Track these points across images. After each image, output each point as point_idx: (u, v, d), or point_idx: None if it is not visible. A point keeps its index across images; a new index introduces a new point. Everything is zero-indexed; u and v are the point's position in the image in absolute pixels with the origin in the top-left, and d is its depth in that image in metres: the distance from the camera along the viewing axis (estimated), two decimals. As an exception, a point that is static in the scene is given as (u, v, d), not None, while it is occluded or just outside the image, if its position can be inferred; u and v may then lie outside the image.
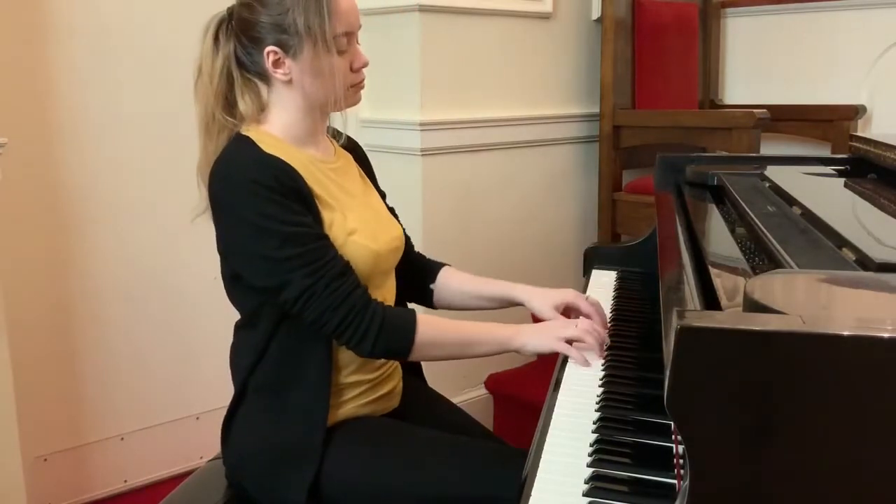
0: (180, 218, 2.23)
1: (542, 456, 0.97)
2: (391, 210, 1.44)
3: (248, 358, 1.27)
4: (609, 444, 0.98)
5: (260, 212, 1.15)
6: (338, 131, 1.42)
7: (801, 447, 0.59)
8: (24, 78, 1.98)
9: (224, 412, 1.32)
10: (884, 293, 0.71)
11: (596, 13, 2.74)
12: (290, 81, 1.24)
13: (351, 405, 1.30)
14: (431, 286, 1.48)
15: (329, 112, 1.32)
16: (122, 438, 2.23)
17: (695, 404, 0.60)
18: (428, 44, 2.28)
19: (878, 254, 0.79)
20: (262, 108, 1.28)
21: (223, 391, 2.20)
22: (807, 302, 0.69)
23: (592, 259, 1.77)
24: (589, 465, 0.93)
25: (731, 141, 2.34)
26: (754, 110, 2.31)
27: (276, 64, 1.23)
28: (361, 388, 1.31)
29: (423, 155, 2.30)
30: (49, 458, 2.12)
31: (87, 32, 2.05)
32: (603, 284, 1.62)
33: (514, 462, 1.05)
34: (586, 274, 1.73)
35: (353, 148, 1.44)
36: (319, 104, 1.27)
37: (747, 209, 1.12)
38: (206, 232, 1.26)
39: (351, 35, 1.25)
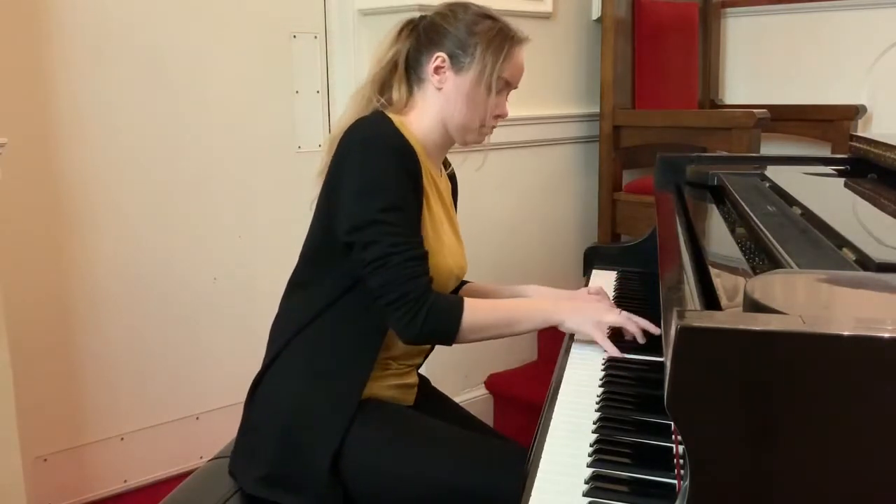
0: (180, 218, 2.25)
1: (542, 456, 0.97)
2: None
3: (301, 317, 1.30)
4: (609, 444, 0.98)
5: (384, 169, 1.22)
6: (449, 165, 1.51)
7: (801, 447, 0.59)
8: (24, 78, 1.98)
9: (224, 412, 1.32)
10: (884, 293, 0.71)
11: (596, 13, 2.74)
12: (440, 90, 1.34)
13: (380, 383, 1.32)
14: None
15: (453, 139, 1.38)
16: (122, 438, 2.23)
17: (695, 404, 0.60)
18: (428, 44, 2.28)
19: (878, 254, 0.79)
20: (406, 104, 1.36)
21: (223, 391, 2.21)
22: (807, 302, 0.69)
23: (592, 259, 1.77)
24: (589, 465, 0.93)
25: (731, 141, 2.34)
26: (754, 110, 2.31)
27: (437, 70, 1.33)
28: (392, 370, 1.34)
29: (423, 155, 2.30)
30: (49, 458, 2.12)
31: (87, 32, 2.05)
32: (603, 284, 1.61)
33: (521, 458, 1.05)
34: (586, 274, 1.74)
35: (452, 176, 1.53)
36: (451, 124, 1.35)
37: (747, 209, 1.12)
38: (207, 232, 1.26)
39: (509, 86, 1.37)
